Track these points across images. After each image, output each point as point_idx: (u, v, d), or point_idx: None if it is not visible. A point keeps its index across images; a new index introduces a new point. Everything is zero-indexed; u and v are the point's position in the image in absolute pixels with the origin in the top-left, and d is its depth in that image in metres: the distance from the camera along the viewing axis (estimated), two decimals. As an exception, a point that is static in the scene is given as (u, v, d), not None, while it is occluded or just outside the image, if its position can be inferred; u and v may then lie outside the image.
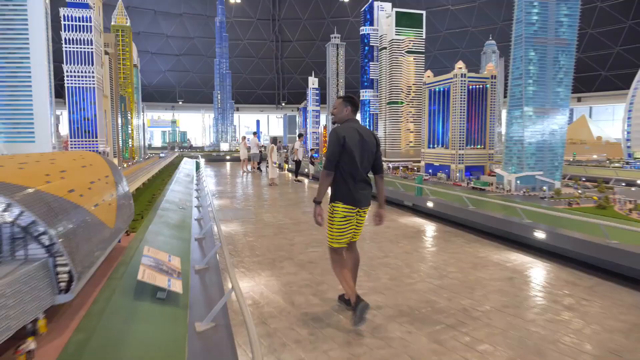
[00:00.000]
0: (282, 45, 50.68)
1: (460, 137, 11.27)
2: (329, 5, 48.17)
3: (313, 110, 25.39)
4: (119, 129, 16.03)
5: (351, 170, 3.85)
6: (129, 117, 17.25)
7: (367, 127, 17.36)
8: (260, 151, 22.12)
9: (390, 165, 14.81)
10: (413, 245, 6.93)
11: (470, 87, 11.35)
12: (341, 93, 24.24)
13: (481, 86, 11.41)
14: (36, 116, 7.53)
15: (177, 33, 47.20)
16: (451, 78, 11.40)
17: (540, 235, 6.15)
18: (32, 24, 7.86)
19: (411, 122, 15.03)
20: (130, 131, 17.45)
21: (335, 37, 23.94)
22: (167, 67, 47.96)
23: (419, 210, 9.95)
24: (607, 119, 37.68)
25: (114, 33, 16.20)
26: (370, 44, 16.87)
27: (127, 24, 17.21)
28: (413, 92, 14.94)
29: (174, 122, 45.64)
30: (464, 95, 11.19)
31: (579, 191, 8.97)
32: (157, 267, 3.54)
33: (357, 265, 4.26)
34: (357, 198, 3.87)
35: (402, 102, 14.98)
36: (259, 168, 20.70)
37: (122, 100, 16.65)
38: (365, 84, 17.25)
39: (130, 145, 17.66)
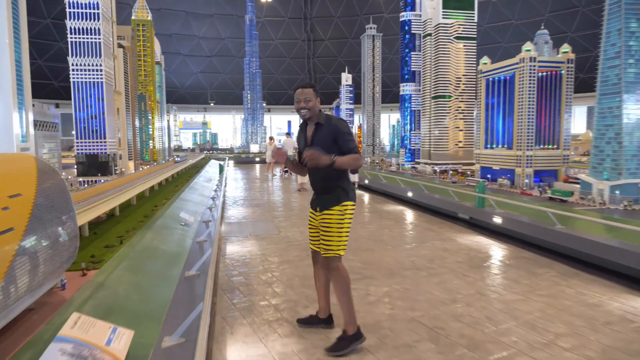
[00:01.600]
0: (314, 45, 49.45)
1: (528, 135, 9.22)
2: (362, 2, 46.45)
3: (346, 109, 23.66)
4: (137, 129, 14.89)
5: None
6: (150, 117, 16.14)
7: (409, 125, 15.43)
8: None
9: (437, 168, 12.85)
10: (486, 281, 5.08)
11: (540, 74, 9.30)
12: (377, 89, 22.29)
13: (554, 73, 9.32)
14: (-4, 114, 6.34)
15: (209, 34, 46.96)
16: (516, 63, 9.36)
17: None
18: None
19: (460, 118, 13.02)
20: (151, 132, 16.35)
21: (370, 29, 22.05)
22: (199, 69, 47.80)
23: (477, 225, 8.07)
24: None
25: (134, 27, 15.14)
26: (412, 31, 14.92)
27: (149, 18, 16.15)
28: (463, 84, 12.92)
29: (204, 123, 45.52)
30: (533, 83, 9.15)
31: None
32: (73, 367, 1.95)
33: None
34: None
35: (450, 96, 13.00)
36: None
37: (142, 99, 15.55)
38: (406, 77, 15.30)
39: (151, 147, 16.56)
